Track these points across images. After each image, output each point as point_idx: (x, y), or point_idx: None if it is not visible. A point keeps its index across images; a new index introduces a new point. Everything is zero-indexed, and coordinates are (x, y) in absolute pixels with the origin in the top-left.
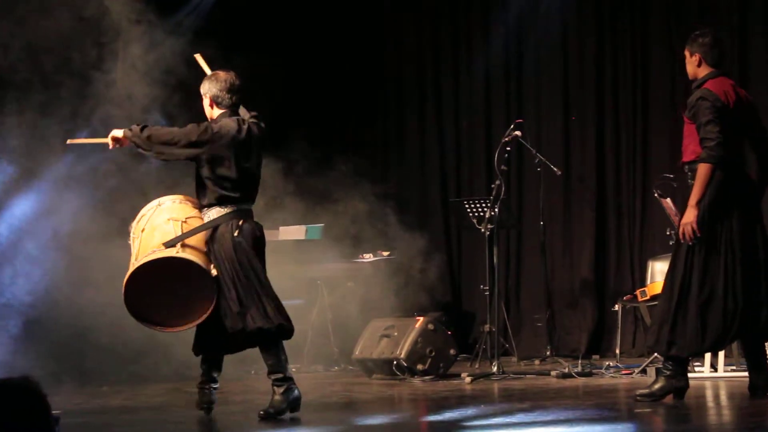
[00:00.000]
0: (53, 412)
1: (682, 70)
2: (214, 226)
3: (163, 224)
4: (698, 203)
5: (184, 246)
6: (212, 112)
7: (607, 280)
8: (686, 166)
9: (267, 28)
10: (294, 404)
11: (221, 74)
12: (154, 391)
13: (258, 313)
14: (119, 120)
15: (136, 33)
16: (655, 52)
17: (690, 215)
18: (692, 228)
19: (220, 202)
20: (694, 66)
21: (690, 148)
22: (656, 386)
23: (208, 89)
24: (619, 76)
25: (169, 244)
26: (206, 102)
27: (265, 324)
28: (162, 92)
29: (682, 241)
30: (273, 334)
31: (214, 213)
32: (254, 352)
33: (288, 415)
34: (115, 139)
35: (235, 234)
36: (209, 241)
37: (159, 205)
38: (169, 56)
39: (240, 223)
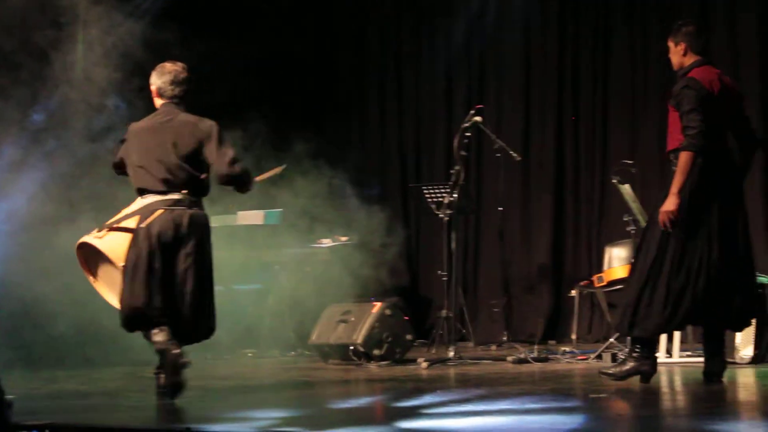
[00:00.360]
0: (6, 397)
1: (642, 58)
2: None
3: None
4: (679, 191)
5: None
6: (156, 102)
7: (565, 265)
8: (671, 155)
9: (227, 11)
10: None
11: (167, 66)
12: (109, 375)
13: None
14: (76, 103)
15: (94, 14)
16: (616, 40)
17: (671, 203)
18: (672, 216)
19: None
20: (679, 55)
21: (674, 136)
22: (622, 368)
23: (153, 81)
24: (580, 62)
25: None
26: (153, 93)
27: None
28: (120, 75)
29: (662, 228)
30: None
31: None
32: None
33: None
34: None
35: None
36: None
37: None
38: (128, 39)
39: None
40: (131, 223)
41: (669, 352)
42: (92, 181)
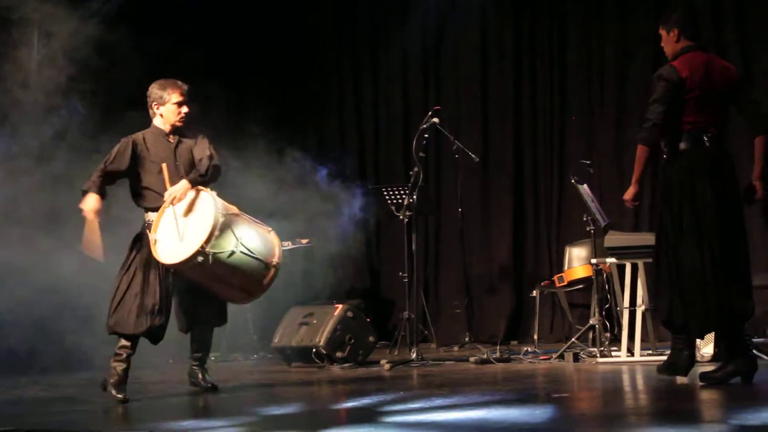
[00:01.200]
0: None
1: (599, 58)
2: None
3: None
4: (638, 182)
5: None
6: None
7: (525, 266)
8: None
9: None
10: None
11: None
12: (69, 382)
13: None
14: (27, 104)
15: (47, 14)
16: (573, 39)
17: (628, 192)
18: (630, 202)
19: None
20: (672, 43)
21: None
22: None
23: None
24: (537, 62)
25: None
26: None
27: None
28: (73, 76)
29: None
30: None
31: None
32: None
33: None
34: None
35: None
36: None
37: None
38: (81, 40)
39: None
40: None
41: (630, 350)
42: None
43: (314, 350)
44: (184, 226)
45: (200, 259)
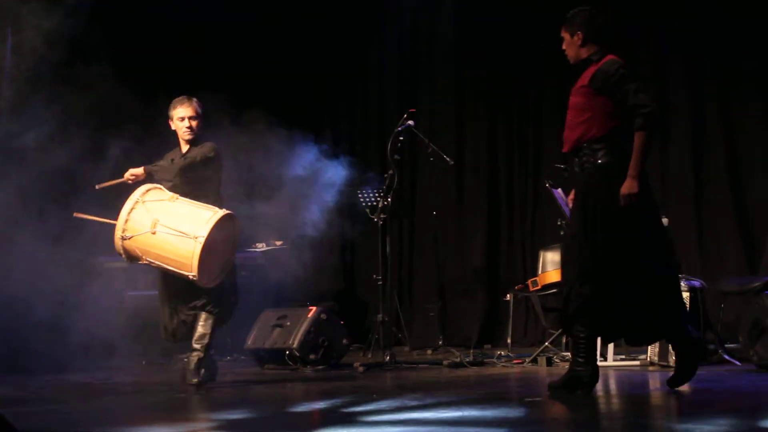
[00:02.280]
0: None
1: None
2: None
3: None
4: (639, 173)
5: None
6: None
7: (499, 269)
8: (589, 145)
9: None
10: None
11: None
12: (43, 382)
13: None
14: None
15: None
16: (548, 42)
17: (632, 186)
18: (633, 198)
19: None
20: (576, 47)
21: (596, 123)
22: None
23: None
24: (514, 65)
25: None
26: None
27: None
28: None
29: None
30: None
31: None
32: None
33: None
34: None
35: None
36: None
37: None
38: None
39: None
40: None
41: (604, 355)
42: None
43: (287, 352)
44: None
45: (122, 239)
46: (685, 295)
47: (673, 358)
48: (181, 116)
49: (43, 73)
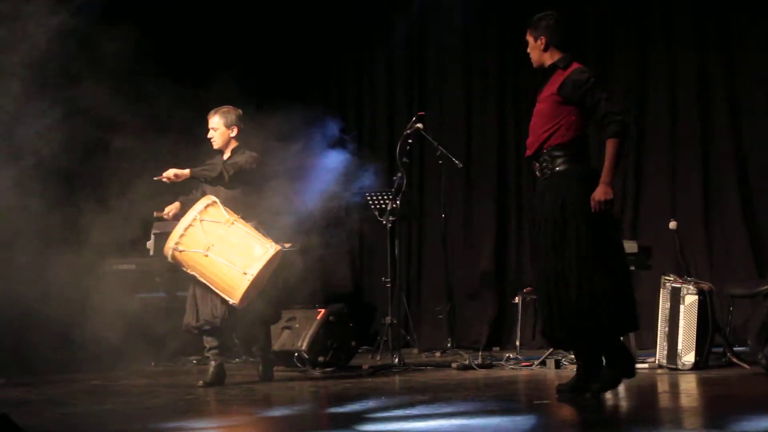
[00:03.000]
0: None
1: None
2: None
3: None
4: (612, 180)
5: None
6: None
7: (508, 272)
8: (549, 151)
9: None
10: None
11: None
12: (52, 384)
13: None
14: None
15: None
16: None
17: (605, 192)
18: (605, 205)
19: None
20: (539, 51)
21: (560, 131)
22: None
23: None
24: (521, 69)
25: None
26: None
27: None
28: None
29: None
30: None
31: None
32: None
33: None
34: None
35: None
36: None
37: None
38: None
39: None
40: None
41: None
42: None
43: (296, 354)
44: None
45: (174, 249)
46: (694, 298)
47: (681, 360)
48: (209, 127)
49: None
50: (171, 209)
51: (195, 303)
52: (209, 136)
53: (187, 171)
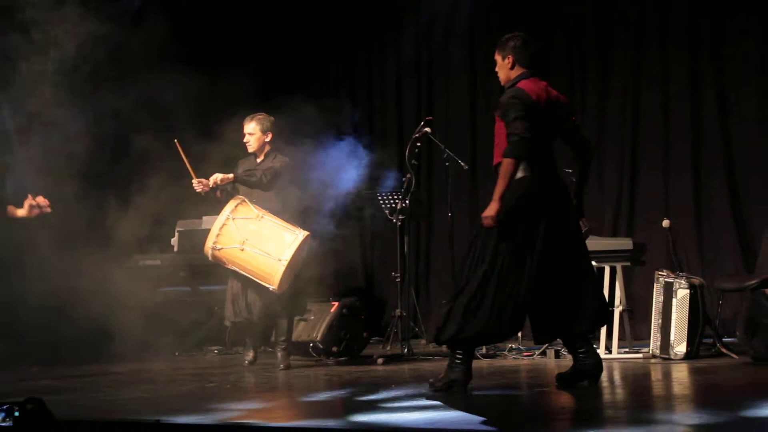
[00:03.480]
0: None
1: (581, 67)
2: None
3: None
4: (501, 198)
5: None
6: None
7: None
8: (497, 168)
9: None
10: None
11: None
12: (81, 373)
13: None
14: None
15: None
16: (559, 50)
17: (491, 209)
18: (492, 221)
19: None
20: (506, 69)
21: (500, 148)
22: (447, 377)
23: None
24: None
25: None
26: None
27: None
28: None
29: (485, 228)
30: None
31: None
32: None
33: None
34: None
35: None
36: None
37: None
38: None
39: None
40: None
41: (608, 348)
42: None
43: (311, 345)
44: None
45: (212, 248)
46: (686, 292)
47: (673, 351)
48: (244, 132)
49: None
50: (212, 180)
51: (233, 298)
52: (246, 140)
53: (231, 175)
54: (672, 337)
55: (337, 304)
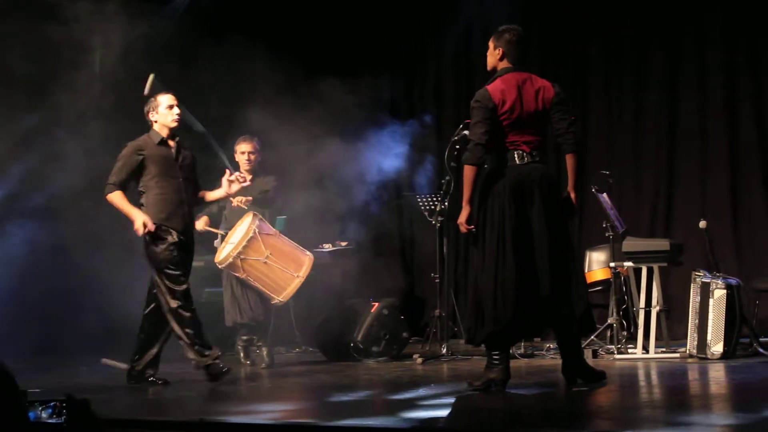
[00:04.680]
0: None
1: (618, 74)
2: None
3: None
4: (468, 202)
5: None
6: None
7: None
8: None
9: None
10: None
11: None
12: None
13: None
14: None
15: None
16: (594, 55)
17: (462, 215)
18: (463, 228)
19: None
20: (495, 58)
21: None
22: (486, 376)
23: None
24: (561, 74)
25: None
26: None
27: None
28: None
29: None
30: None
31: None
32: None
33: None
34: None
35: None
36: None
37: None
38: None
39: None
40: None
41: (645, 348)
42: None
43: (352, 345)
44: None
45: (237, 258)
46: (723, 292)
47: (710, 350)
48: (242, 151)
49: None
50: (202, 222)
51: (237, 302)
52: (247, 158)
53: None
54: (709, 337)
55: (377, 304)
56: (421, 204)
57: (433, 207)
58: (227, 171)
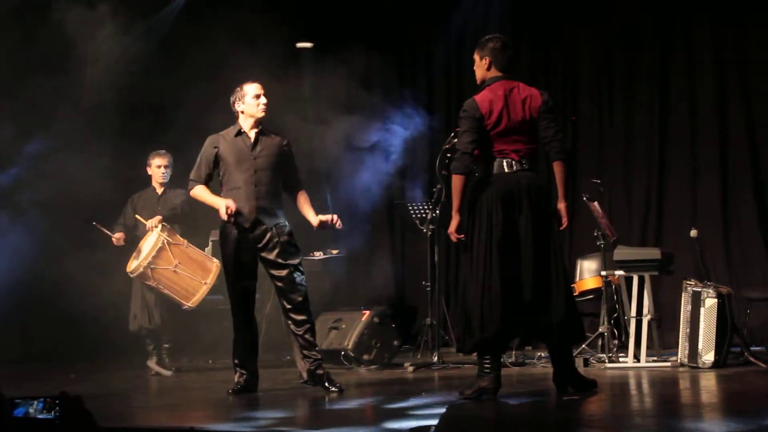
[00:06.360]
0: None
1: (608, 82)
2: None
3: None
4: (458, 211)
5: None
6: None
7: None
8: None
9: None
10: None
11: None
12: (113, 377)
13: None
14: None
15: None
16: (585, 64)
17: (452, 224)
18: (454, 237)
19: None
20: (483, 69)
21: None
22: (477, 385)
23: None
24: (551, 82)
25: None
26: None
27: None
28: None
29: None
30: None
31: None
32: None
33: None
34: None
35: None
36: None
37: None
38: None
39: None
40: None
41: (637, 357)
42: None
43: (343, 353)
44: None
45: (147, 267)
46: (714, 301)
47: (701, 359)
48: (158, 164)
49: None
50: (120, 236)
51: (147, 307)
52: (162, 172)
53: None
54: (700, 346)
55: (368, 312)
56: (412, 212)
57: (424, 215)
58: (331, 216)
